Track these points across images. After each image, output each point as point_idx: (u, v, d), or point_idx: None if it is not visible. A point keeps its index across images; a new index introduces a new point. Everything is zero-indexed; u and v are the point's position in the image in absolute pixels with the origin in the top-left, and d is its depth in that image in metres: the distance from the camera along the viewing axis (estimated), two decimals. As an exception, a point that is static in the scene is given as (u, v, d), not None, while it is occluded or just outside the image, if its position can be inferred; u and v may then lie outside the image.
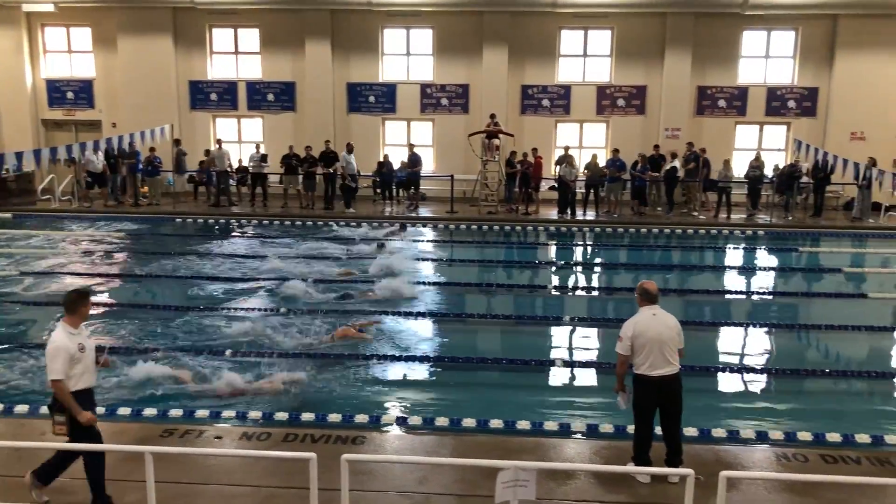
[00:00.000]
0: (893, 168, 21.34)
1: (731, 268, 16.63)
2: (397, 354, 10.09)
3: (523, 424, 7.93)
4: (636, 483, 6.50)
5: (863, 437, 7.80)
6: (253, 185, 21.77)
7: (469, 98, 23.51)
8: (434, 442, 7.42)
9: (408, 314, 11.86)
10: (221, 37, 24.19)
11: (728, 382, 9.67)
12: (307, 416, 7.99)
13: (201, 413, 8.04)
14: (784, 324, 12.25)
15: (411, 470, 6.73)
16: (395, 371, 9.71)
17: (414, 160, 21.56)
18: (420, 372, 9.76)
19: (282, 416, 8.01)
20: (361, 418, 7.99)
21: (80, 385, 6.00)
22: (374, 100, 23.81)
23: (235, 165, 22.40)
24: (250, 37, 23.98)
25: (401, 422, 8.02)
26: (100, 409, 6.79)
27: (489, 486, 5.10)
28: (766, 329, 12.00)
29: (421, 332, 11.22)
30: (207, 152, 22.25)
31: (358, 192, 21.54)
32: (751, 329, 11.94)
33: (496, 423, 7.98)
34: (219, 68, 24.28)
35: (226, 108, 24.26)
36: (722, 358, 10.84)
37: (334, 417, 7.98)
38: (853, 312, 12.55)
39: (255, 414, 8.08)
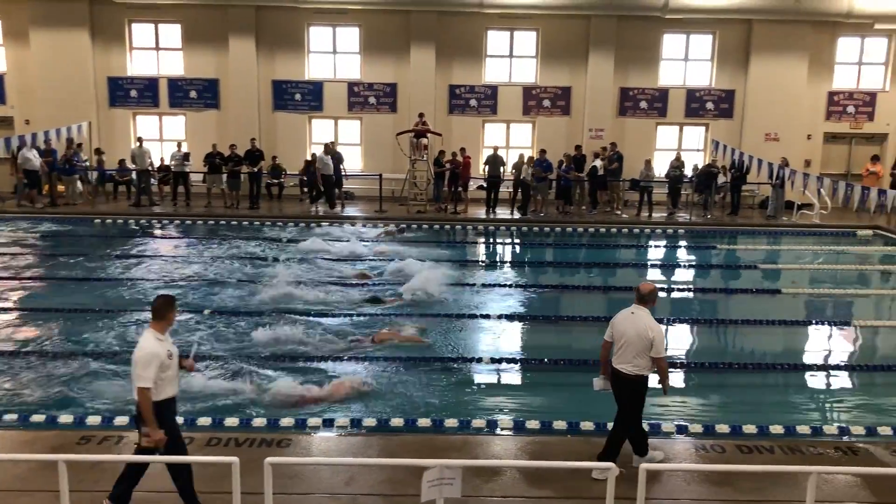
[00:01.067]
0: (805, 168, 22.28)
1: (652, 265, 17.08)
2: (323, 355, 10.00)
3: (451, 423, 7.97)
4: (560, 478, 6.60)
5: (776, 428, 8.11)
6: (175, 184, 21.25)
7: (397, 97, 23.48)
8: (361, 443, 7.39)
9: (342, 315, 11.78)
10: (141, 32, 23.52)
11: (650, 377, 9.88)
12: (231, 421, 7.85)
13: (120, 420, 7.80)
14: (703, 319, 12.62)
15: (338, 471, 6.69)
16: (322, 372, 9.61)
17: (336, 158, 21.33)
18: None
19: (205, 420, 7.84)
20: (287, 421, 7.89)
21: (166, 394, 5.79)
22: (301, 98, 23.55)
23: (157, 164, 21.80)
24: (172, 32, 23.39)
25: (328, 424, 7.96)
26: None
27: (416, 486, 5.11)
28: (685, 324, 12.35)
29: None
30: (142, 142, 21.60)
31: (284, 189, 21.29)
32: (671, 325, 12.27)
33: (424, 422, 8.00)
34: (139, 64, 23.60)
35: (147, 106, 23.60)
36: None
37: (259, 421, 7.86)
38: (768, 307, 13.05)
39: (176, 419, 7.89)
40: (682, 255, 18.16)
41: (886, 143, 23.84)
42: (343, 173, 21.56)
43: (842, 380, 10.11)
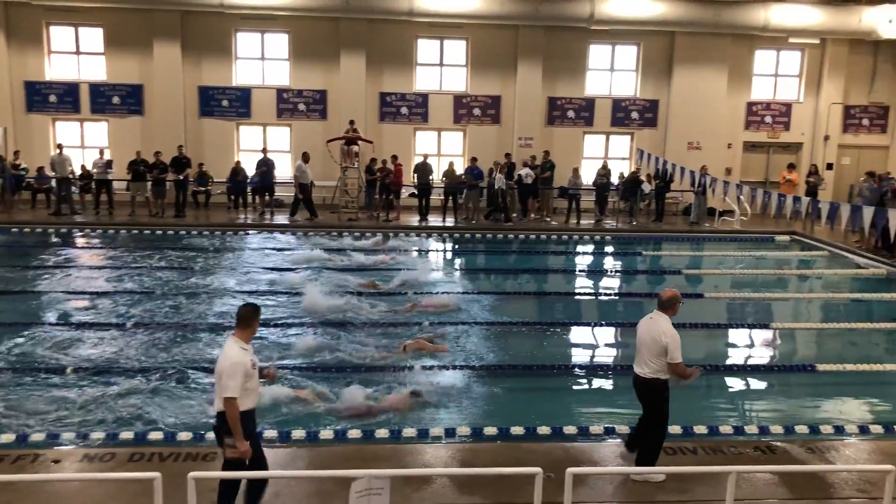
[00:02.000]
0: (726, 176, 23.01)
1: (581, 271, 17.33)
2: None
3: (381, 433, 7.93)
4: (489, 484, 6.61)
5: (700, 429, 8.35)
6: (97, 192, 20.60)
7: (327, 104, 23.31)
8: (289, 455, 7.28)
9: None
10: (61, 35, 22.76)
11: (578, 381, 10.06)
12: (155, 435, 7.64)
13: (36, 437, 7.51)
14: (629, 323, 12.82)
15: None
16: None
17: (268, 165, 21.05)
18: (274, 384, 9.52)
19: (127, 435, 7.62)
20: (212, 435, 7.71)
21: (248, 404, 5.69)
22: (228, 104, 23.15)
23: (78, 172, 21.08)
24: (93, 36, 22.70)
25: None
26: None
27: (345, 497, 5.06)
28: (612, 328, 12.59)
29: (283, 341, 10.99)
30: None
31: (211, 197, 20.90)
32: (598, 329, 12.50)
33: (354, 433, 7.94)
34: (58, 69, 22.83)
35: (67, 111, 22.83)
36: (574, 358, 11.27)
37: (184, 436, 7.68)
38: (691, 311, 13.37)
39: (98, 435, 7.65)
40: (609, 261, 18.51)
41: (801, 152, 24.83)
42: (274, 180, 21.29)
43: (761, 381, 10.46)
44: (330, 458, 7.14)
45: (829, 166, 24.35)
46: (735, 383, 10.29)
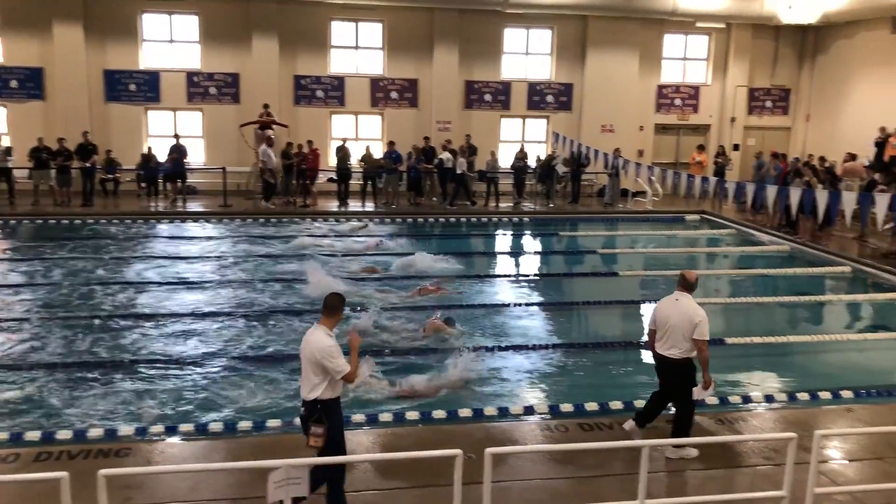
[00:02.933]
0: (638, 158, 23.58)
1: (501, 252, 17.51)
2: (168, 357, 9.57)
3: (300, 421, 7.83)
4: (411, 467, 6.61)
5: (616, 404, 8.56)
6: (-5, 181, 19.61)
7: (240, 87, 22.76)
8: (206, 447, 7.12)
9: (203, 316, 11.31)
10: (-50, 15, 21.50)
11: (498, 361, 10.11)
12: (63, 434, 7.35)
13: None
14: (548, 302, 13.06)
15: (182, 479, 6.41)
16: (163, 377, 9.19)
17: (180, 151, 20.44)
18: (187, 376, 9.29)
19: (33, 435, 7.31)
20: (126, 430, 7.49)
21: (336, 392, 5.82)
22: (136, 88, 22.32)
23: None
24: (-13, 17, 21.53)
25: (170, 431, 7.61)
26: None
27: (265, 488, 4.97)
28: (532, 307, 12.71)
29: (197, 330, 10.73)
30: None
31: (120, 185, 20.20)
32: (518, 309, 12.59)
33: (273, 422, 7.83)
34: (-52, 51, 21.59)
35: (-41, 96, 21.64)
36: (493, 339, 11.34)
37: (95, 432, 7.41)
38: (607, 289, 13.72)
39: (0, 435, 7.32)
40: (528, 242, 18.76)
41: (709, 134, 25.65)
42: (186, 167, 20.70)
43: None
44: (249, 450, 7.01)
45: (736, 147, 25.24)
46: (651, 358, 10.53)
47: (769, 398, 8.98)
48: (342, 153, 21.09)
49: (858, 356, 10.84)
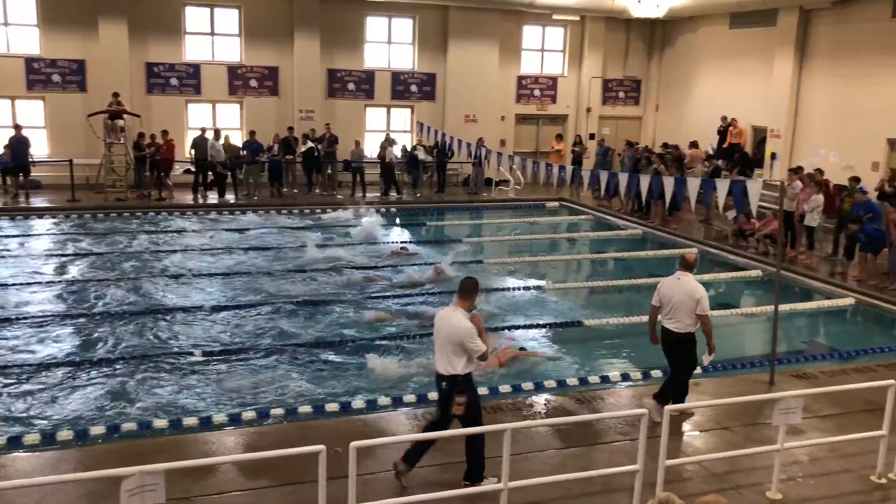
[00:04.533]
0: (500, 147, 24.05)
1: (368, 243, 17.20)
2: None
3: (160, 424, 7.52)
4: (276, 466, 6.46)
5: (481, 390, 8.67)
6: None
7: (86, 75, 21.43)
8: (54, 458, 6.69)
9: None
10: None
11: (365, 353, 10.02)
12: None
13: None
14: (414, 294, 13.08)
15: (26, 493, 5.98)
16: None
17: (20, 143, 19.03)
18: (34, 382, 8.71)
19: None
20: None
21: (471, 367, 6.28)
22: (-31, 75, 20.60)
23: None
24: None
25: (13, 443, 7.10)
26: None
27: (118, 497, 4.72)
28: (398, 300, 12.72)
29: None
30: None
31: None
32: (382, 301, 12.57)
33: (129, 426, 7.46)
34: None
35: None
36: (363, 330, 11.25)
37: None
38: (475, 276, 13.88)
39: None
40: (395, 232, 18.69)
41: (567, 124, 26.51)
42: (30, 159, 19.31)
43: (538, 340, 10.93)
44: (102, 457, 6.64)
45: (592, 136, 26.20)
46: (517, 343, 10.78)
47: (625, 376, 9.41)
48: (200, 143, 20.24)
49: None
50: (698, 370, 9.54)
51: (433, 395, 8.45)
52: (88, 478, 5.29)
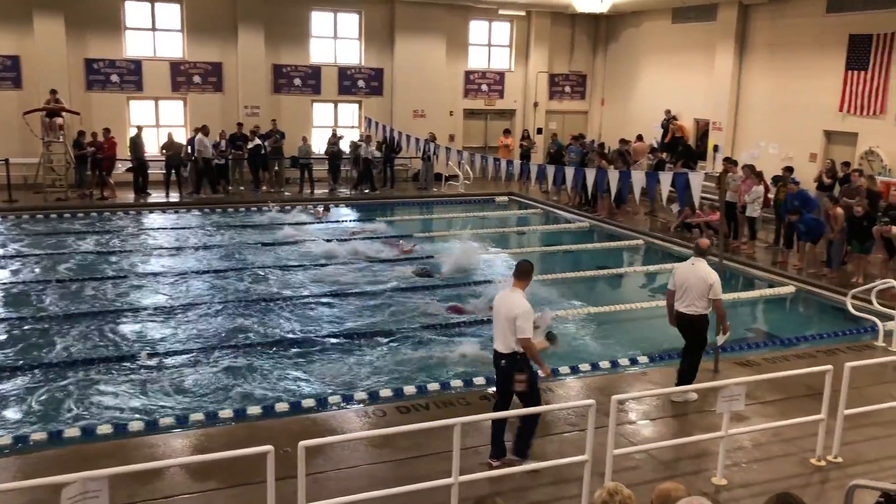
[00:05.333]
0: (449, 142, 24.06)
1: (314, 240, 17.05)
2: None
3: (104, 429, 7.35)
4: (225, 467, 6.37)
5: (433, 386, 8.73)
6: None
7: (21, 71, 20.79)
8: (-7, 467, 6.50)
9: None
10: None
11: (301, 353, 9.92)
12: None
13: None
14: (351, 293, 12.92)
15: (-37, 505, 5.80)
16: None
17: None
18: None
19: None
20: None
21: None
22: None
23: None
24: None
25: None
26: None
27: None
28: (337, 296, 12.60)
29: None
30: None
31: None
32: (345, 298, 12.45)
33: (72, 431, 7.28)
34: None
35: None
36: (315, 327, 11.15)
37: None
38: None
39: None
40: (344, 228, 18.54)
41: (515, 118, 26.66)
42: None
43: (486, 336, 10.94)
44: (43, 464, 6.45)
45: (539, 131, 26.41)
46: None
47: (574, 369, 9.51)
48: (136, 142, 19.78)
49: (653, 323, 11.66)
50: (644, 359, 9.79)
51: (385, 393, 8.47)
52: (28, 486, 5.14)
